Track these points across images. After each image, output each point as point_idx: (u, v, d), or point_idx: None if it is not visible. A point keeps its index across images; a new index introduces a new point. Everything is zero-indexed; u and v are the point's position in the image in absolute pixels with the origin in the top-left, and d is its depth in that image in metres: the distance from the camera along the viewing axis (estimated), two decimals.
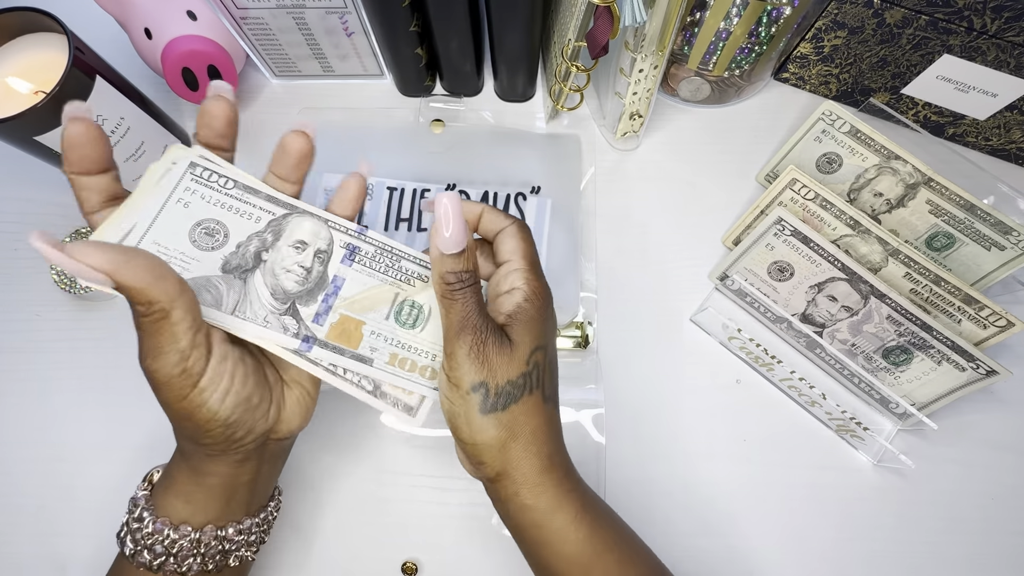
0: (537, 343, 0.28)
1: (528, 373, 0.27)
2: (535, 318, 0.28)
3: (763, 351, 0.42)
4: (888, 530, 0.41)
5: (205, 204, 0.28)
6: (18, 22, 0.38)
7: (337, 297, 0.30)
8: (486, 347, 0.27)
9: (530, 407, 0.28)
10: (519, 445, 0.27)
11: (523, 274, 0.29)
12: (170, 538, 0.28)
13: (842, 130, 0.42)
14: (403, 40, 0.43)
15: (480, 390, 0.27)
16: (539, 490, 0.28)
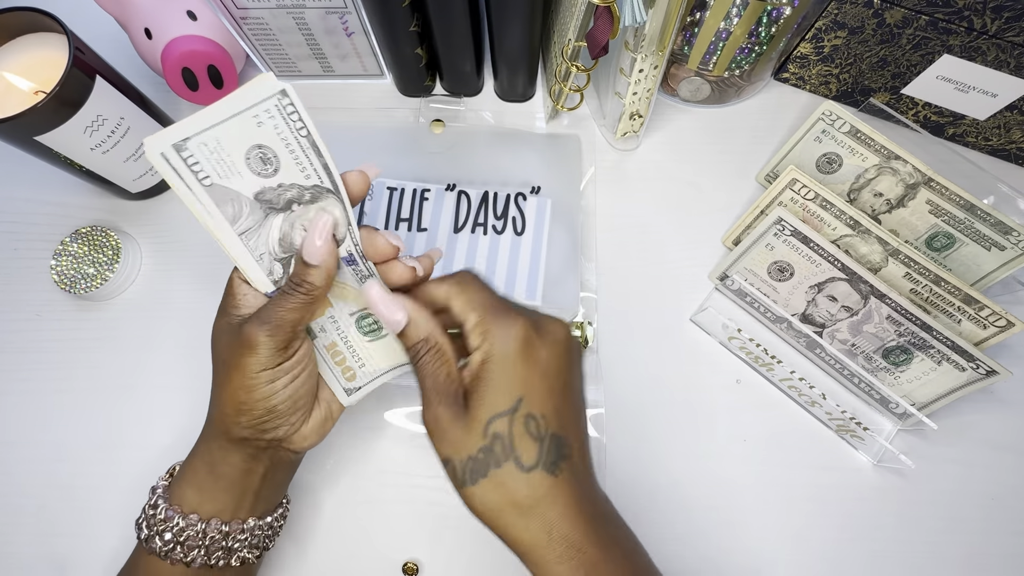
0: (494, 410, 0.25)
1: (487, 448, 0.25)
2: (492, 380, 0.26)
3: (763, 351, 0.42)
4: (888, 530, 0.41)
5: (275, 133, 0.28)
6: (18, 22, 0.38)
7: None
8: (439, 424, 0.26)
9: (503, 481, 0.25)
10: (504, 519, 0.26)
11: (479, 328, 0.27)
12: (179, 525, 0.30)
13: (842, 130, 0.42)
14: (403, 40, 0.43)
15: (448, 465, 0.26)
16: (537, 565, 0.26)
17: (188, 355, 0.44)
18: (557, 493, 0.26)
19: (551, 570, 0.25)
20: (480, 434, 0.25)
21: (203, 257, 0.47)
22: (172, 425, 0.43)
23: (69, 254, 0.44)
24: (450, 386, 0.27)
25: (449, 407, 0.26)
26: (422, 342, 0.27)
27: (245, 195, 0.28)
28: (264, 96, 0.28)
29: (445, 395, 0.26)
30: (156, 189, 0.48)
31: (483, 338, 0.26)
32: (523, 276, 0.45)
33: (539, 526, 0.25)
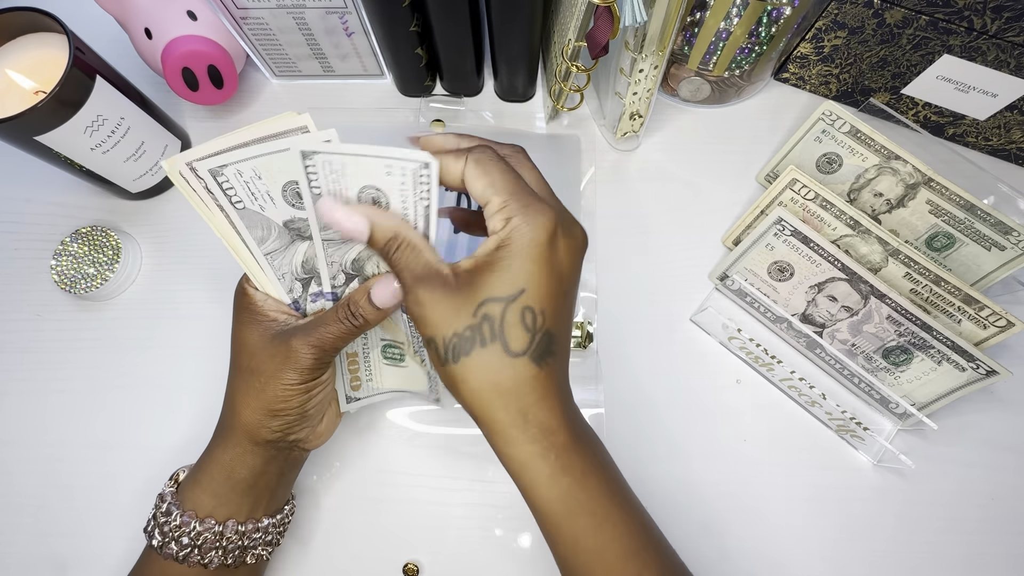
0: (490, 294, 0.25)
1: (475, 326, 0.25)
2: (502, 266, 0.25)
3: (763, 351, 0.42)
4: (888, 530, 0.41)
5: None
6: (19, 22, 0.38)
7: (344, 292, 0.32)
8: (422, 305, 0.26)
9: (487, 361, 0.25)
10: (480, 399, 0.26)
11: (504, 214, 0.26)
12: (196, 530, 0.31)
13: (842, 130, 0.42)
14: (403, 40, 0.43)
15: (431, 345, 0.26)
16: (509, 443, 0.26)
17: (188, 355, 0.44)
18: (537, 383, 0.26)
19: (522, 449, 0.26)
20: (470, 313, 0.25)
21: (203, 257, 0.47)
22: (172, 425, 0.43)
23: (69, 254, 0.44)
24: (429, 272, 0.26)
25: (431, 290, 0.26)
26: (391, 240, 0.27)
27: (275, 221, 0.30)
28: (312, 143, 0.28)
29: (425, 280, 0.26)
30: (156, 189, 0.48)
31: (504, 224, 0.26)
32: None
33: (517, 408, 0.26)
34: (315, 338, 0.30)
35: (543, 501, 0.27)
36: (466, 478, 0.42)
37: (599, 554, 0.27)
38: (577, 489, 0.27)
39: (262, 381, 0.30)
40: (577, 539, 0.27)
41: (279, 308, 0.32)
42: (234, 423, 0.32)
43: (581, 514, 0.27)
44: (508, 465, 0.27)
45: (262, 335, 0.31)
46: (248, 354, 0.31)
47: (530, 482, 0.27)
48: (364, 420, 0.43)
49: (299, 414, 0.31)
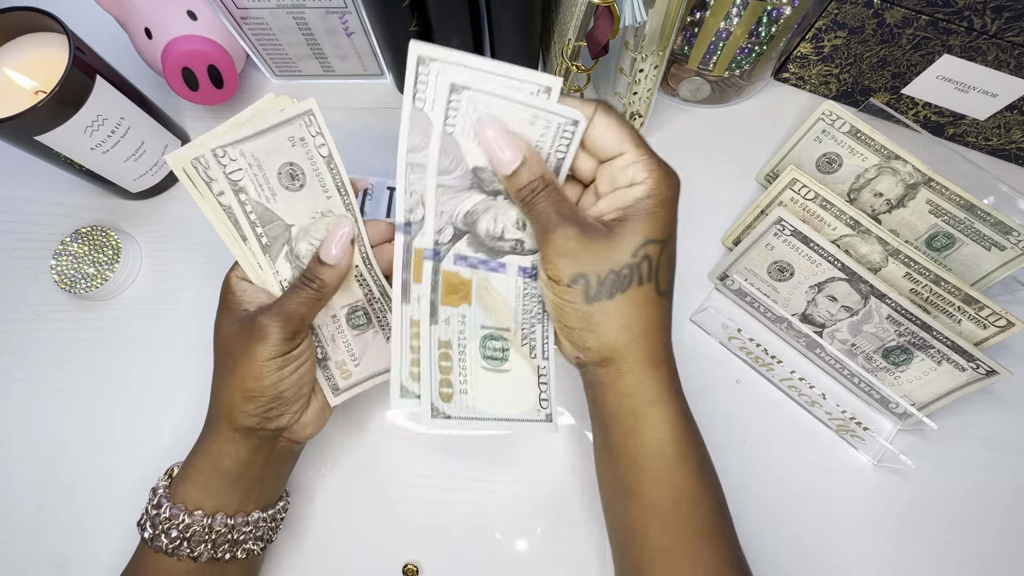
0: (650, 236, 0.27)
1: (635, 264, 0.27)
2: (654, 212, 0.27)
3: (763, 351, 0.42)
4: (888, 530, 0.41)
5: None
6: (19, 22, 0.38)
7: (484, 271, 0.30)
8: (572, 242, 0.27)
9: (640, 298, 0.27)
10: (628, 334, 0.27)
11: (645, 165, 0.27)
12: (184, 522, 0.31)
13: (842, 130, 0.42)
14: (403, 40, 0.43)
15: (580, 281, 0.27)
16: (643, 380, 0.27)
17: (188, 355, 0.44)
18: (669, 323, 0.29)
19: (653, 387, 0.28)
20: (629, 253, 0.26)
21: (203, 257, 0.47)
22: (172, 425, 0.43)
23: (69, 254, 0.44)
24: (575, 214, 0.27)
25: (582, 229, 0.27)
26: (539, 180, 0.27)
27: (467, 162, 0.28)
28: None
29: (572, 220, 0.27)
30: (156, 189, 0.48)
31: (649, 175, 0.27)
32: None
33: (658, 345, 0.28)
34: (277, 308, 0.30)
35: (660, 442, 0.28)
36: (466, 478, 0.42)
37: (698, 501, 0.28)
38: (690, 433, 0.28)
39: (233, 362, 0.31)
40: (684, 483, 0.28)
41: (255, 298, 0.32)
42: (216, 413, 0.32)
43: (691, 458, 0.28)
44: (629, 405, 0.28)
45: (234, 322, 0.31)
46: (222, 342, 0.31)
47: (653, 421, 0.28)
48: (364, 420, 0.43)
49: (273, 395, 0.31)
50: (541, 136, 0.28)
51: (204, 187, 0.30)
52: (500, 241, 0.29)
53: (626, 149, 0.27)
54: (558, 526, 0.41)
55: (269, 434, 0.33)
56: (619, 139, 0.27)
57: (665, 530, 0.28)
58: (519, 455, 0.42)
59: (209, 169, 0.29)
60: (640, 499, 0.28)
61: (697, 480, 0.28)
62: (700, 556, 0.28)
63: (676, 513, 0.28)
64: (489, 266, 0.30)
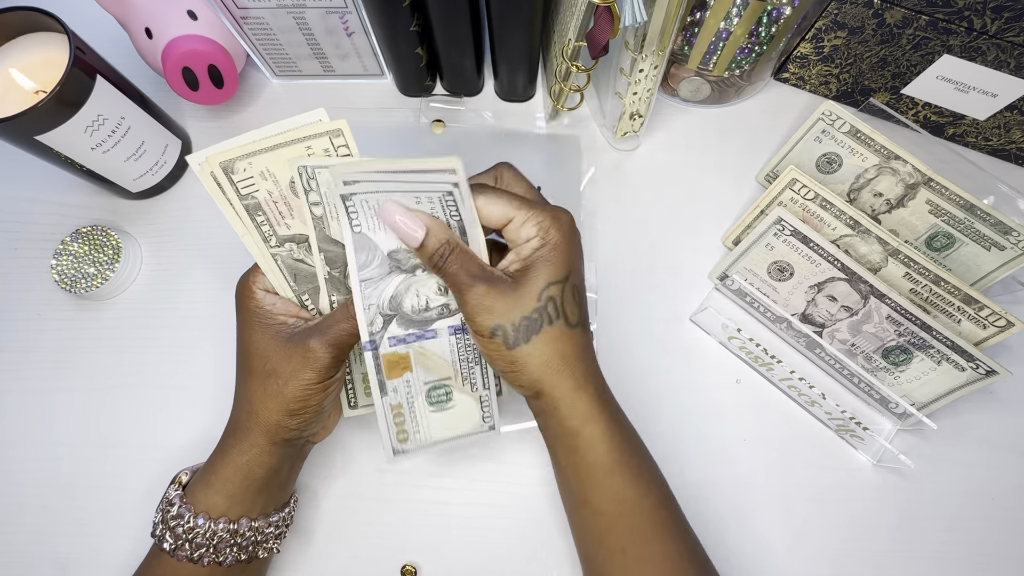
0: (550, 279, 0.30)
1: (542, 308, 0.30)
2: (550, 258, 0.30)
3: (763, 351, 0.42)
4: (888, 530, 0.41)
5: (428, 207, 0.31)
6: (19, 22, 0.38)
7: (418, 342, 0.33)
8: (485, 298, 0.29)
9: (554, 336, 0.30)
10: (549, 369, 0.30)
11: (532, 221, 0.30)
12: (211, 530, 0.31)
13: (842, 130, 0.42)
14: (403, 40, 0.43)
15: (498, 332, 0.29)
16: (573, 404, 0.30)
17: (189, 354, 0.44)
18: (589, 347, 0.32)
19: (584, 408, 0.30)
20: (535, 298, 0.29)
21: (204, 257, 0.47)
22: (173, 425, 0.43)
23: (70, 253, 0.44)
24: (484, 272, 0.30)
25: (491, 285, 0.29)
26: (444, 245, 0.30)
27: (381, 250, 0.31)
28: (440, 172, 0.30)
29: (482, 278, 0.30)
30: (157, 189, 0.48)
31: (539, 228, 0.30)
32: None
33: (580, 372, 0.31)
34: (331, 337, 0.31)
35: (598, 453, 0.30)
36: (466, 478, 0.42)
37: (638, 502, 0.31)
38: (625, 442, 0.31)
39: (280, 383, 0.31)
40: (624, 487, 0.31)
41: (287, 310, 0.33)
42: (251, 425, 0.32)
43: (628, 464, 0.31)
44: (568, 426, 0.30)
45: (274, 337, 0.32)
46: (261, 357, 0.32)
47: (588, 437, 0.30)
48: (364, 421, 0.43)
49: (316, 411, 0.32)
50: (432, 209, 0.30)
51: (231, 191, 0.30)
52: (426, 312, 0.32)
53: (511, 215, 0.30)
54: (558, 527, 0.41)
55: (302, 441, 0.34)
56: (503, 209, 0.30)
57: (612, 531, 0.31)
58: (519, 456, 0.42)
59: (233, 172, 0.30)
60: (589, 506, 0.31)
61: (636, 483, 0.31)
62: (647, 549, 0.30)
63: (620, 515, 0.31)
64: (423, 337, 0.32)
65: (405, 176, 0.29)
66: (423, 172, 0.29)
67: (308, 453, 0.37)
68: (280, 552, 0.36)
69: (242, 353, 0.33)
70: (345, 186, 0.29)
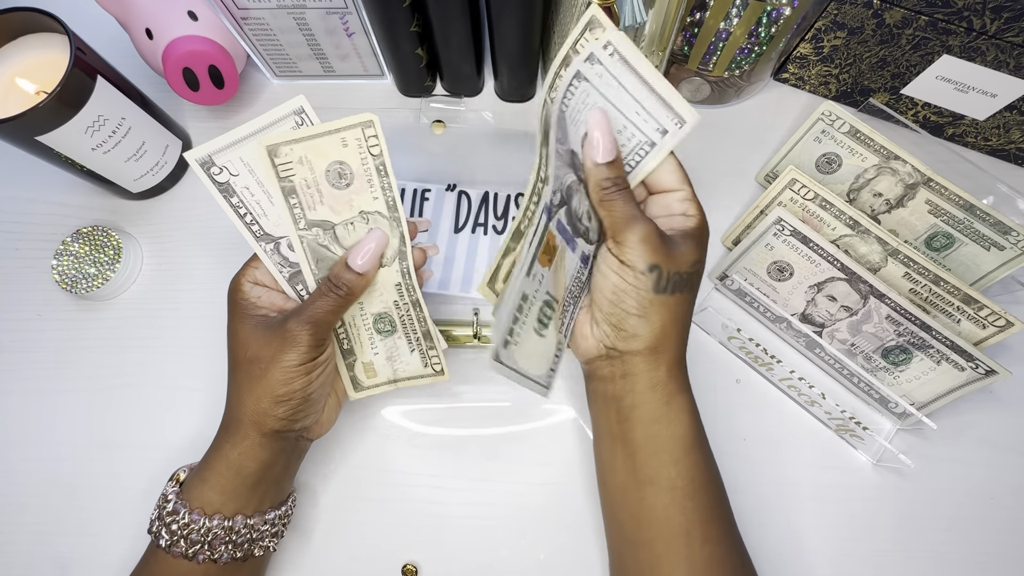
0: (699, 257, 0.31)
1: (691, 274, 0.30)
2: (701, 241, 0.31)
3: (763, 351, 0.42)
4: (888, 529, 0.41)
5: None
6: (19, 22, 0.38)
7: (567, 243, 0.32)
8: (654, 237, 0.29)
9: (685, 302, 0.31)
10: (674, 328, 0.30)
11: (695, 206, 0.31)
12: (205, 526, 0.31)
13: (842, 130, 0.42)
14: (403, 40, 0.43)
15: (655, 271, 0.29)
16: (674, 371, 0.31)
17: (189, 354, 0.44)
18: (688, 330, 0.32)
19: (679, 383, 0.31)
20: (689, 263, 0.30)
21: (204, 257, 0.47)
22: (174, 425, 0.43)
23: (70, 254, 0.44)
24: (645, 217, 0.30)
25: (658, 230, 0.29)
26: (622, 179, 0.30)
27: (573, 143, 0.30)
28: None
29: (650, 222, 0.29)
30: (157, 189, 0.48)
31: (698, 213, 0.31)
32: None
33: (682, 345, 0.31)
34: (308, 315, 0.31)
35: (685, 426, 0.31)
36: (466, 478, 0.42)
37: (709, 484, 0.31)
38: (701, 425, 0.32)
39: (262, 367, 0.31)
40: (698, 465, 0.31)
41: (272, 304, 0.33)
42: (240, 416, 0.32)
43: (703, 446, 0.32)
44: (662, 392, 0.31)
45: (256, 326, 0.32)
46: (244, 345, 0.32)
47: (679, 409, 0.31)
48: (364, 419, 0.43)
49: (303, 398, 0.32)
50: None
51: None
52: (580, 223, 0.31)
53: (683, 187, 0.31)
54: (558, 527, 0.41)
55: (294, 435, 0.34)
56: (679, 178, 0.31)
57: (683, 509, 0.30)
58: (520, 455, 0.42)
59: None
60: (660, 483, 0.31)
61: (708, 467, 0.32)
62: (711, 529, 0.31)
63: (693, 493, 0.30)
64: (570, 242, 0.32)
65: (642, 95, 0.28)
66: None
67: (306, 450, 0.37)
68: (276, 551, 0.36)
69: (229, 344, 0.33)
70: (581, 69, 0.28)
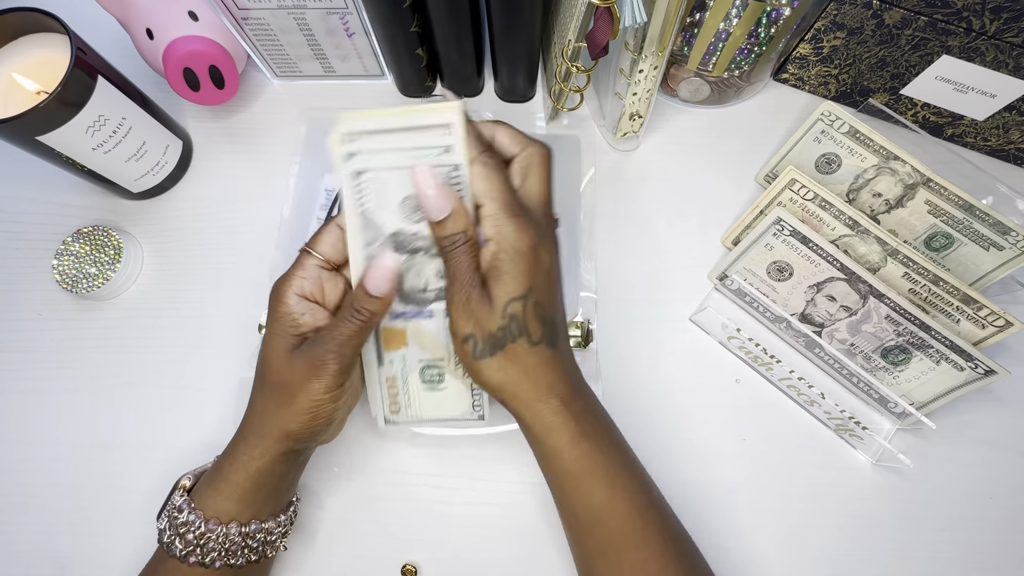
0: (510, 294, 0.29)
1: (505, 326, 0.29)
2: (507, 270, 0.29)
3: (762, 351, 0.42)
4: (887, 529, 0.41)
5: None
6: (20, 22, 0.39)
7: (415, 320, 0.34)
8: (470, 303, 0.29)
9: (516, 353, 0.30)
10: (509, 382, 0.30)
11: (492, 222, 0.29)
12: (223, 534, 0.32)
13: (841, 131, 0.42)
14: (404, 41, 0.43)
15: (471, 340, 0.30)
16: (534, 415, 0.30)
17: (190, 354, 0.45)
18: (554, 363, 0.31)
19: (547, 419, 0.30)
20: (500, 314, 0.29)
21: (204, 257, 0.47)
22: (174, 425, 0.43)
23: (71, 254, 0.44)
24: (476, 274, 0.30)
25: (478, 290, 0.29)
26: (461, 234, 0.29)
27: (385, 231, 0.31)
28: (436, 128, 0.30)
29: (474, 281, 0.29)
30: (158, 189, 0.48)
31: (496, 231, 0.29)
32: None
33: (541, 385, 0.30)
34: (333, 344, 0.31)
35: (564, 461, 0.31)
36: (466, 478, 0.42)
37: (610, 509, 0.31)
38: (595, 451, 0.31)
39: (291, 394, 0.31)
40: (592, 495, 0.31)
41: (315, 321, 0.32)
42: (262, 432, 0.32)
43: (596, 472, 0.31)
44: (534, 434, 0.31)
45: (288, 349, 0.32)
46: (274, 369, 0.32)
47: (553, 447, 0.31)
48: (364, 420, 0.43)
49: (327, 421, 0.32)
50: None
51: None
52: (424, 293, 0.33)
53: (482, 202, 0.29)
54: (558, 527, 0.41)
55: (312, 449, 0.35)
56: (481, 190, 0.29)
57: (589, 535, 0.31)
58: (520, 455, 0.42)
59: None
60: (565, 509, 0.32)
61: (606, 491, 0.31)
62: (627, 556, 0.31)
63: (592, 521, 0.31)
64: (420, 315, 0.33)
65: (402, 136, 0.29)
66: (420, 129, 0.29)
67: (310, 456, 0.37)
68: (287, 549, 0.36)
69: (260, 360, 0.33)
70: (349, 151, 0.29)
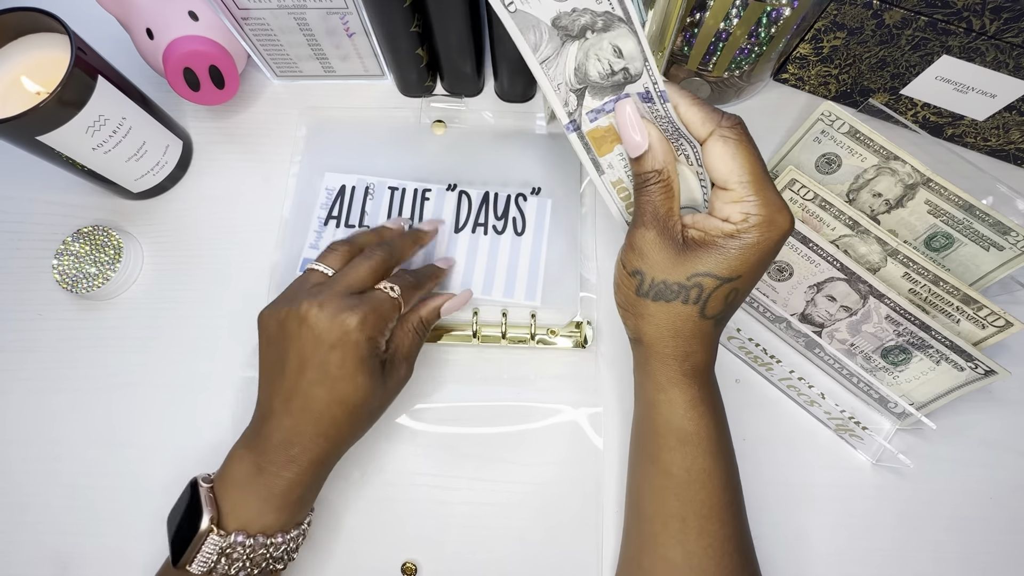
0: (712, 271, 0.28)
1: (686, 287, 0.28)
2: (730, 253, 0.27)
3: (762, 351, 0.42)
4: (887, 529, 0.41)
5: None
6: (20, 22, 0.39)
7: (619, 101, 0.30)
8: (645, 243, 0.29)
9: (679, 312, 0.29)
10: (657, 332, 0.30)
11: (743, 209, 0.27)
12: (250, 546, 0.32)
13: (841, 131, 0.42)
14: (404, 41, 0.43)
15: (637, 276, 0.29)
16: (664, 366, 0.30)
17: (189, 355, 0.45)
18: (708, 337, 0.30)
19: (675, 377, 0.30)
20: (684, 275, 0.28)
21: (205, 257, 0.47)
22: (174, 425, 0.43)
23: (71, 254, 0.44)
24: (668, 219, 0.29)
25: (661, 234, 0.28)
26: (654, 172, 0.29)
27: (544, 21, 0.28)
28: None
29: (661, 223, 0.29)
30: (158, 189, 0.48)
31: (744, 219, 0.27)
32: (523, 276, 0.45)
33: (684, 348, 0.30)
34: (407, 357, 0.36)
35: (677, 418, 0.31)
36: (466, 477, 0.42)
37: (709, 475, 0.31)
38: (708, 418, 0.31)
39: (374, 416, 0.35)
40: (696, 458, 0.31)
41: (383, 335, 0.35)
42: (306, 446, 0.33)
43: (706, 439, 0.31)
44: (655, 386, 0.31)
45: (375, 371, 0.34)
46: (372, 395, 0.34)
47: (670, 401, 0.31)
48: None
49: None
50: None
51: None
52: (614, 76, 0.29)
53: (731, 187, 0.27)
54: (558, 527, 0.41)
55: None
56: (727, 174, 0.27)
57: (677, 496, 0.31)
58: (520, 455, 0.42)
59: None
60: (658, 464, 0.32)
61: (710, 459, 0.31)
62: (708, 526, 0.31)
63: (688, 483, 0.31)
64: (606, 108, 0.30)
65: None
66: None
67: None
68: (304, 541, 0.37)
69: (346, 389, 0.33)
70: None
